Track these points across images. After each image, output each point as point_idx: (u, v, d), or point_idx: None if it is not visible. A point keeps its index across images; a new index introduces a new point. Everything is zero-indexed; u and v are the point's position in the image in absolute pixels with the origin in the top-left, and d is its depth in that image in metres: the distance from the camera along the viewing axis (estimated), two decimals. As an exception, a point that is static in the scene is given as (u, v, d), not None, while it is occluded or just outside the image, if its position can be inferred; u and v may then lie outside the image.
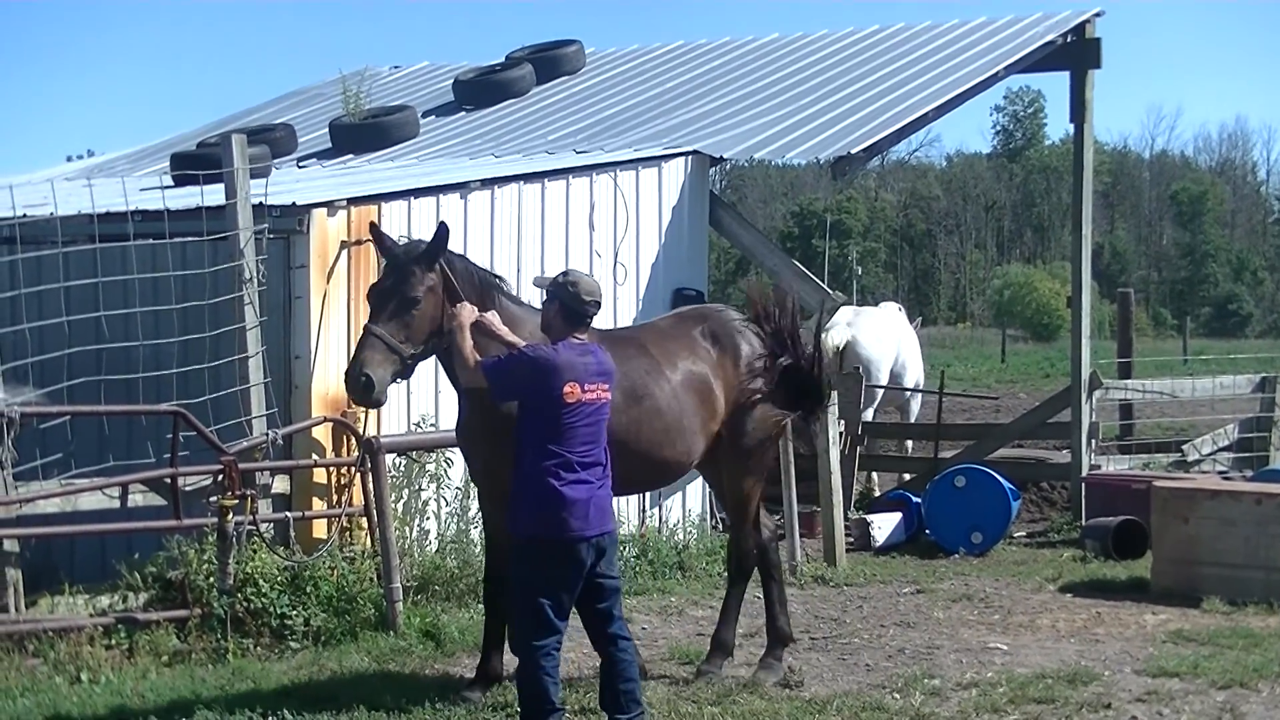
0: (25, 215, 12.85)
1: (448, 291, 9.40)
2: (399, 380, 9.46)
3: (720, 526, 16.26)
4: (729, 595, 11.01)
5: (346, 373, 9.35)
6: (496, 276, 10.13)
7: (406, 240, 9.64)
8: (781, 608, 10.97)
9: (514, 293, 10.52)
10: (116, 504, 11.56)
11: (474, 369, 8.93)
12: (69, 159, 38.90)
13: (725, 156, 17.86)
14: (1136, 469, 18.94)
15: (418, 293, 9.28)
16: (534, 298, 9.79)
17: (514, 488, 8.75)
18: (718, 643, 10.89)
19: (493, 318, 9.32)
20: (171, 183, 16.67)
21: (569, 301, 8.85)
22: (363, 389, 9.14)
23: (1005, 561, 16.63)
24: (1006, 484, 17.55)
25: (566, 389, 8.54)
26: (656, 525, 15.75)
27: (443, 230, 9.49)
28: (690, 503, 16.40)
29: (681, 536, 15.61)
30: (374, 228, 9.83)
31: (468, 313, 9.15)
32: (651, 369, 10.19)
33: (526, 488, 8.63)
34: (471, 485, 12.72)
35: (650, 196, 16.46)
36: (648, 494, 14.97)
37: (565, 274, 9.08)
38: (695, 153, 17.19)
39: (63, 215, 12.24)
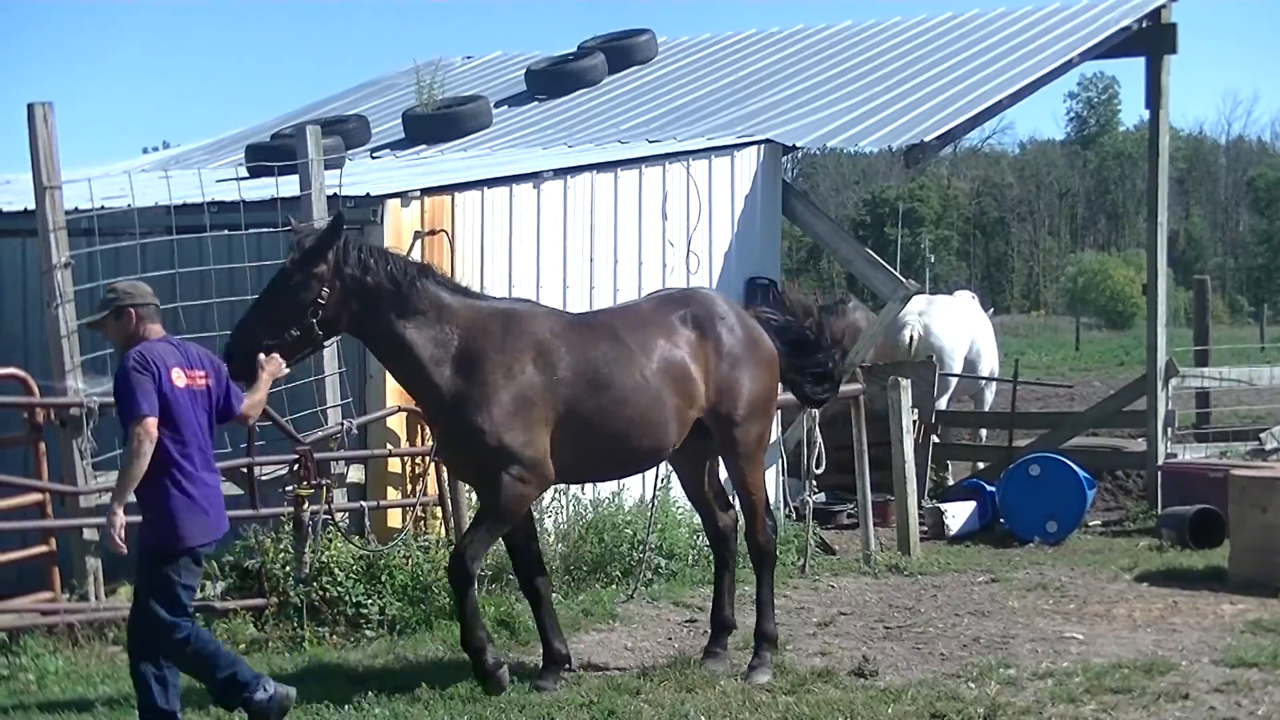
0: (103, 207, 13.01)
1: (342, 282, 9.51)
2: (290, 362, 9.51)
3: (793, 515, 16.22)
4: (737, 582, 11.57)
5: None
6: (418, 266, 10.01)
7: (317, 229, 9.82)
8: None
9: (448, 277, 10.50)
10: (194, 493, 11.65)
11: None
12: (145, 151, 39.40)
13: (798, 145, 17.82)
14: (1213, 457, 18.78)
15: (292, 281, 9.46)
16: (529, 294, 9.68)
17: (140, 497, 8.56)
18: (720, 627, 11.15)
19: (273, 367, 9.28)
20: (247, 174, 16.80)
21: (135, 304, 8.71)
22: (225, 358, 9.27)
23: (1081, 550, 16.56)
24: (1082, 472, 17.47)
25: (173, 375, 8.52)
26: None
27: (335, 220, 9.66)
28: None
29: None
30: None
31: (272, 366, 9.22)
32: (619, 357, 10.06)
33: (152, 497, 8.49)
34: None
35: (723, 185, 16.45)
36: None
37: (111, 293, 8.86)
38: (768, 141, 17.17)
39: (140, 207, 12.38)
